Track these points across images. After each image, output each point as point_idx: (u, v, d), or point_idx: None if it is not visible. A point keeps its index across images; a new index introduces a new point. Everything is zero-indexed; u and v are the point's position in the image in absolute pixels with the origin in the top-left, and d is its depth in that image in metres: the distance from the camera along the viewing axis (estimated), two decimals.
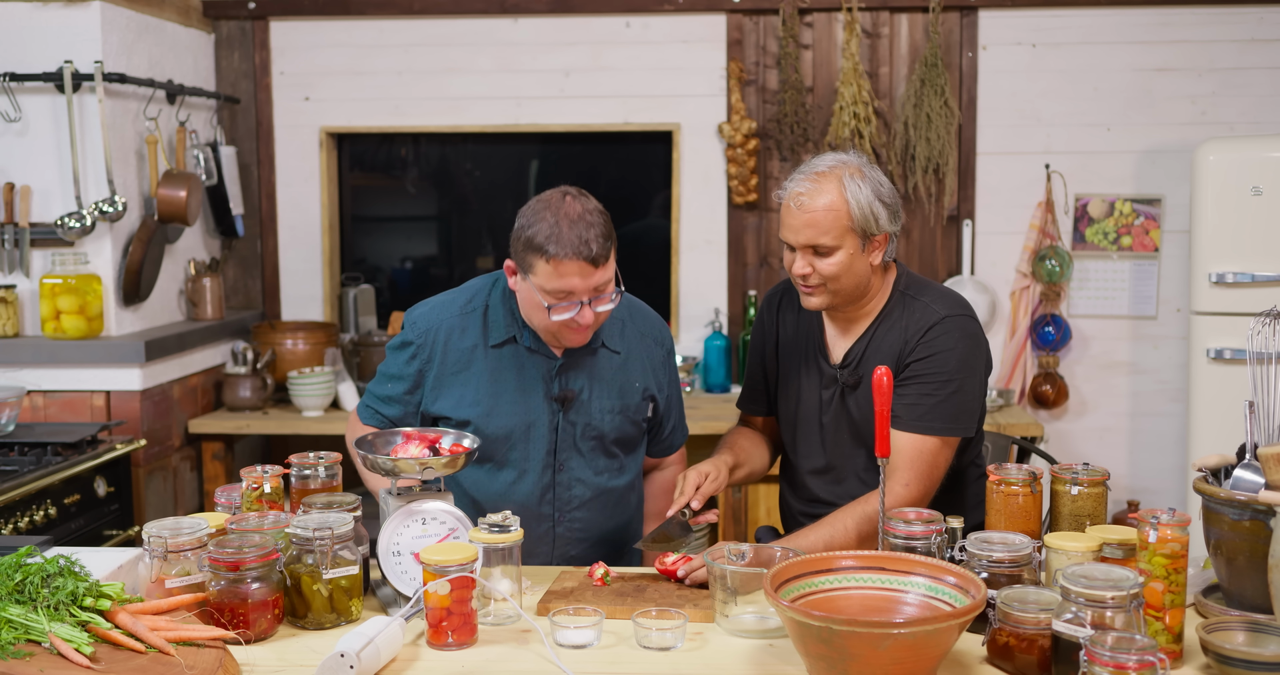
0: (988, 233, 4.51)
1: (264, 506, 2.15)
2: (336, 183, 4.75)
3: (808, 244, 2.30)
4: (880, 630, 1.60)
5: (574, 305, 2.22)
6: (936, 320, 2.34)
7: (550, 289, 2.21)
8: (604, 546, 2.48)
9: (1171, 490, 4.47)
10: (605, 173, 4.85)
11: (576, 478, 2.41)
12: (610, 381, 2.42)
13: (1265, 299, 3.79)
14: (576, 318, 2.23)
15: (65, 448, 3.34)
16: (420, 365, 2.39)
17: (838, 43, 4.46)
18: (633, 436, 2.47)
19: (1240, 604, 1.92)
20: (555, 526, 2.42)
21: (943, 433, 2.31)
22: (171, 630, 1.78)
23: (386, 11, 4.53)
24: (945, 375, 2.32)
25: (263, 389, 4.20)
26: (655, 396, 2.49)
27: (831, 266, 2.30)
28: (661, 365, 2.52)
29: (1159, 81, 4.41)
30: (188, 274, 4.32)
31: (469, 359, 2.37)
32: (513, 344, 2.38)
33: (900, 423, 2.31)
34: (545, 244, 2.18)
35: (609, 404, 2.41)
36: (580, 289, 2.20)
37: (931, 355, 2.33)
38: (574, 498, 2.42)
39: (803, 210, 2.28)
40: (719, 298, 4.59)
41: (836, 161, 2.33)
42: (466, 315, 2.40)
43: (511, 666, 1.84)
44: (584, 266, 2.18)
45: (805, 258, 2.32)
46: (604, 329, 2.41)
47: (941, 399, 2.31)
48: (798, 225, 2.30)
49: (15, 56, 3.70)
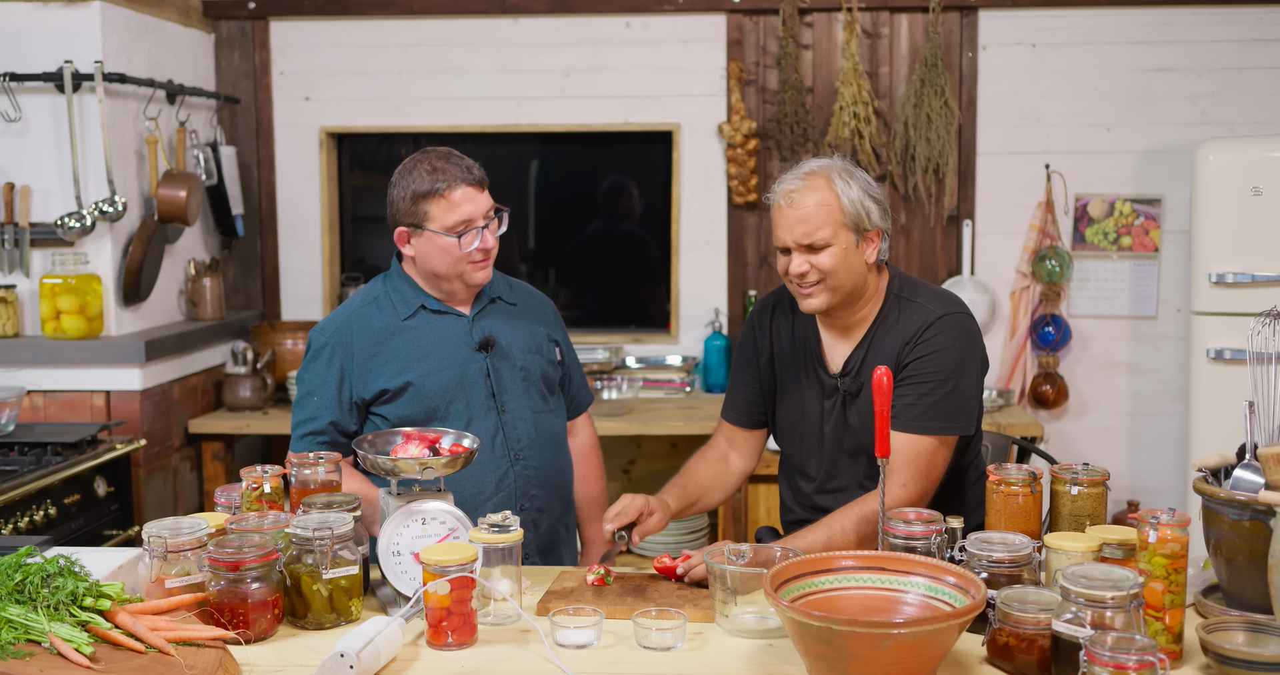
0: (988, 233, 4.51)
1: (264, 506, 2.14)
2: (336, 183, 4.75)
3: (802, 241, 2.30)
4: (880, 630, 1.60)
5: (477, 232, 2.41)
6: (933, 319, 2.34)
7: (452, 222, 2.39)
8: (559, 491, 2.60)
9: (1171, 490, 4.47)
10: (605, 173, 4.85)
11: (519, 417, 2.52)
12: (518, 327, 2.58)
13: (1265, 299, 3.79)
14: (481, 244, 2.41)
15: (65, 448, 3.34)
16: (341, 360, 2.48)
17: (838, 43, 4.46)
18: (553, 377, 2.62)
19: (1240, 604, 1.92)
20: (513, 466, 2.49)
21: (940, 432, 2.31)
22: (171, 630, 1.78)
23: (386, 11, 4.53)
24: (942, 374, 2.31)
25: (263, 389, 4.20)
26: (557, 341, 2.65)
27: (828, 260, 2.30)
28: (552, 320, 2.69)
29: (1159, 81, 4.41)
30: (188, 274, 4.32)
31: (384, 336, 2.49)
32: (422, 311, 2.51)
33: (898, 423, 2.30)
34: (434, 184, 2.39)
35: (524, 344, 2.56)
36: (476, 214, 2.41)
37: (928, 355, 2.33)
38: (521, 436, 2.52)
39: (794, 207, 2.30)
40: (719, 298, 4.59)
41: (821, 164, 2.37)
42: (368, 305, 2.53)
43: (511, 666, 1.84)
44: (473, 191, 2.40)
45: (801, 255, 2.32)
46: (495, 286, 2.58)
47: (939, 398, 2.31)
48: (790, 223, 2.31)
49: (15, 56, 3.70)
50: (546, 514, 2.56)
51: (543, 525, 2.55)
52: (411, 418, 2.44)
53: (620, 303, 4.89)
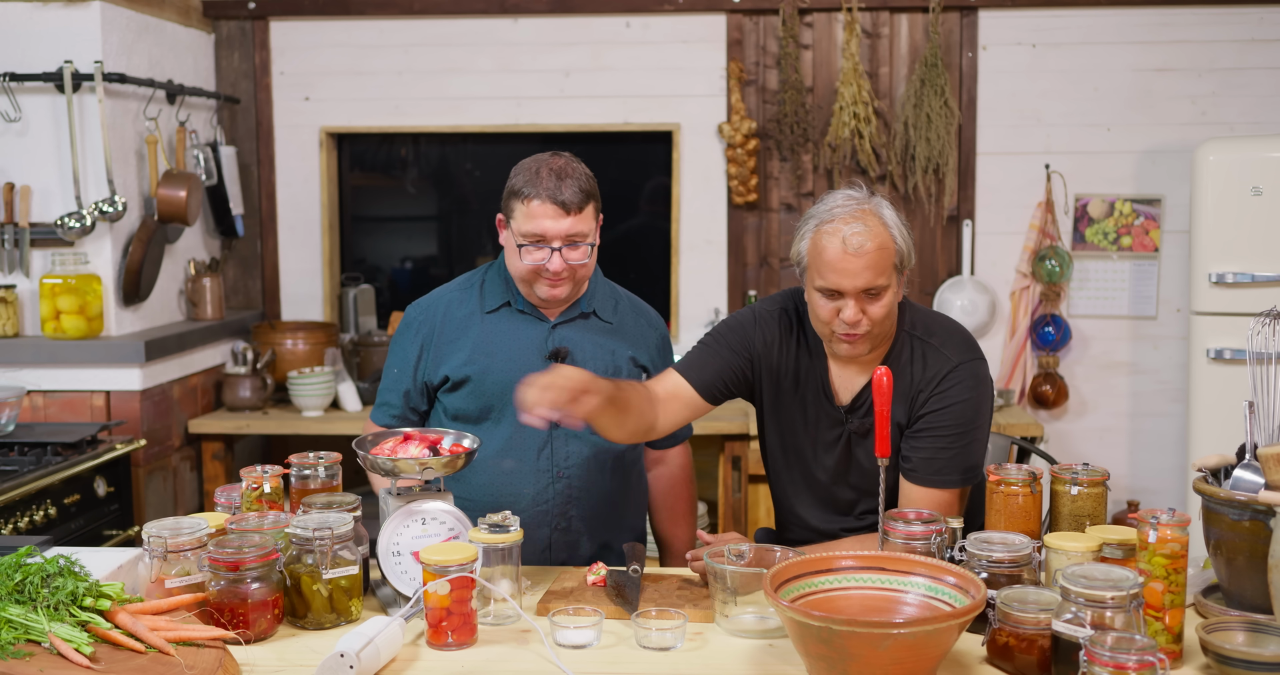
0: (988, 233, 4.51)
1: (264, 506, 2.14)
2: (336, 183, 4.75)
3: (865, 288, 2.13)
4: (880, 630, 1.60)
5: (545, 250, 2.32)
6: (949, 369, 2.25)
7: (524, 231, 2.32)
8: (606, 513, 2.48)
9: (1171, 490, 4.47)
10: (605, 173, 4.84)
11: (572, 435, 2.43)
12: (601, 345, 2.47)
13: (1265, 299, 3.78)
14: (548, 264, 2.33)
15: (65, 448, 3.34)
16: (422, 338, 2.48)
17: (838, 43, 4.46)
18: None
19: (1240, 604, 1.92)
20: (555, 482, 2.44)
21: (958, 486, 2.26)
22: (171, 630, 1.78)
23: (386, 11, 4.53)
24: (960, 427, 2.24)
25: (263, 389, 4.20)
26: (647, 368, 2.52)
27: (881, 309, 2.16)
28: (656, 347, 2.56)
29: (1159, 81, 4.41)
30: (188, 274, 4.32)
31: (465, 325, 2.46)
32: (507, 308, 2.46)
33: (916, 477, 2.26)
34: (523, 187, 2.33)
35: (601, 365, 2.45)
36: (551, 233, 2.31)
37: (945, 407, 2.24)
38: (571, 454, 2.45)
39: (860, 254, 2.11)
40: (719, 298, 4.59)
41: (860, 196, 2.20)
42: (464, 290, 2.51)
43: (511, 666, 1.84)
44: (555, 210, 2.30)
45: (858, 304, 2.14)
46: (596, 299, 2.49)
47: (956, 452, 2.25)
48: (855, 270, 2.11)
49: (15, 56, 3.70)
50: (588, 538, 2.48)
51: (583, 548, 2.48)
52: (467, 413, 2.43)
53: None
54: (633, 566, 2.14)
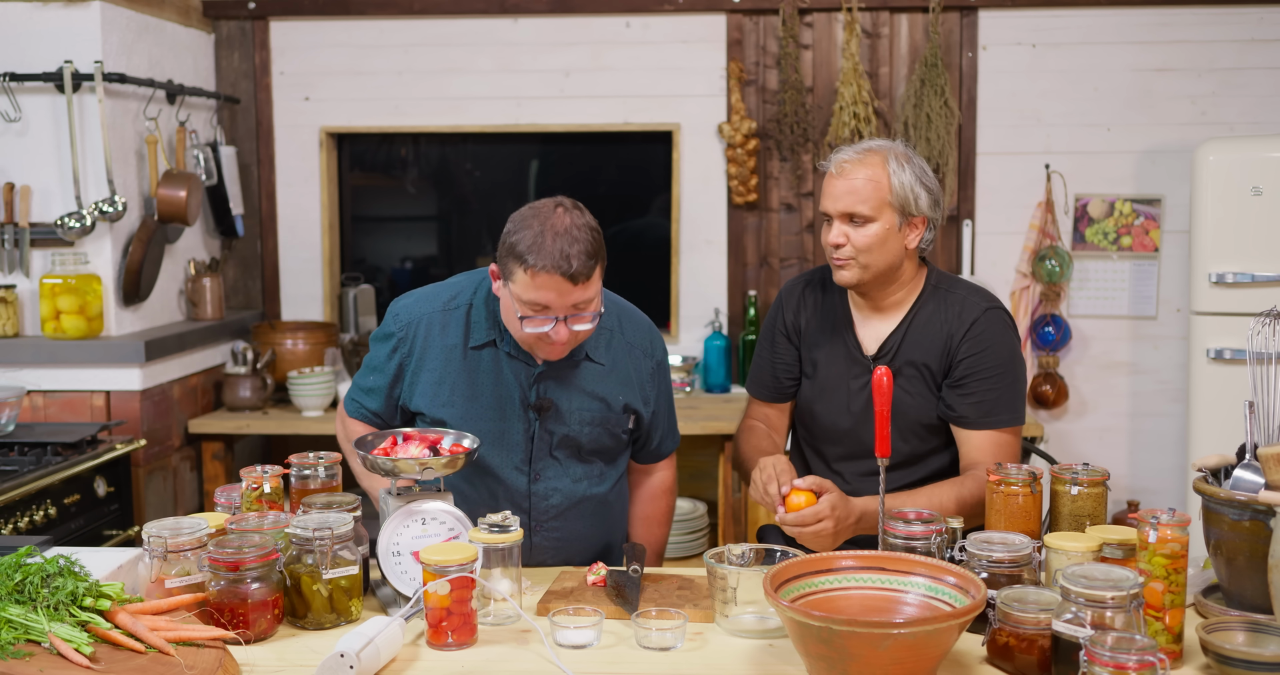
0: (988, 233, 4.51)
1: (264, 506, 2.14)
2: (336, 183, 4.75)
3: (845, 211, 2.33)
4: (880, 630, 1.60)
5: (549, 320, 2.16)
6: (979, 314, 2.36)
7: (526, 300, 2.15)
8: (587, 556, 2.43)
9: (1171, 490, 4.47)
10: (605, 173, 4.85)
11: (553, 487, 2.37)
12: (590, 393, 2.36)
13: (1265, 299, 3.79)
14: (550, 333, 2.18)
15: (65, 448, 3.33)
16: (400, 359, 2.38)
17: (838, 43, 4.46)
18: (611, 448, 2.42)
19: (1240, 604, 1.92)
20: (531, 536, 2.37)
21: (1012, 423, 2.36)
22: (171, 630, 1.78)
23: (386, 11, 4.53)
24: (1001, 368, 2.35)
25: (263, 389, 4.20)
26: (639, 411, 2.41)
27: (866, 238, 2.32)
28: (650, 378, 2.44)
29: (1159, 81, 4.41)
30: (188, 274, 4.32)
31: (448, 357, 2.34)
32: (492, 347, 2.34)
33: (969, 422, 2.34)
34: (526, 253, 2.12)
35: (588, 416, 2.35)
36: (556, 305, 2.15)
37: (984, 350, 2.35)
38: (550, 507, 2.38)
39: (844, 177, 2.34)
40: (719, 298, 4.59)
41: (880, 144, 2.38)
42: (449, 312, 2.36)
43: (511, 666, 1.84)
44: (562, 282, 2.12)
45: (841, 225, 2.34)
46: (590, 340, 2.34)
47: (1004, 389, 2.35)
48: (838, 192, 2.34)
49: (15, 56, 3.70)
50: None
51: None
52: None
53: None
54: (633, 566, 2.14)
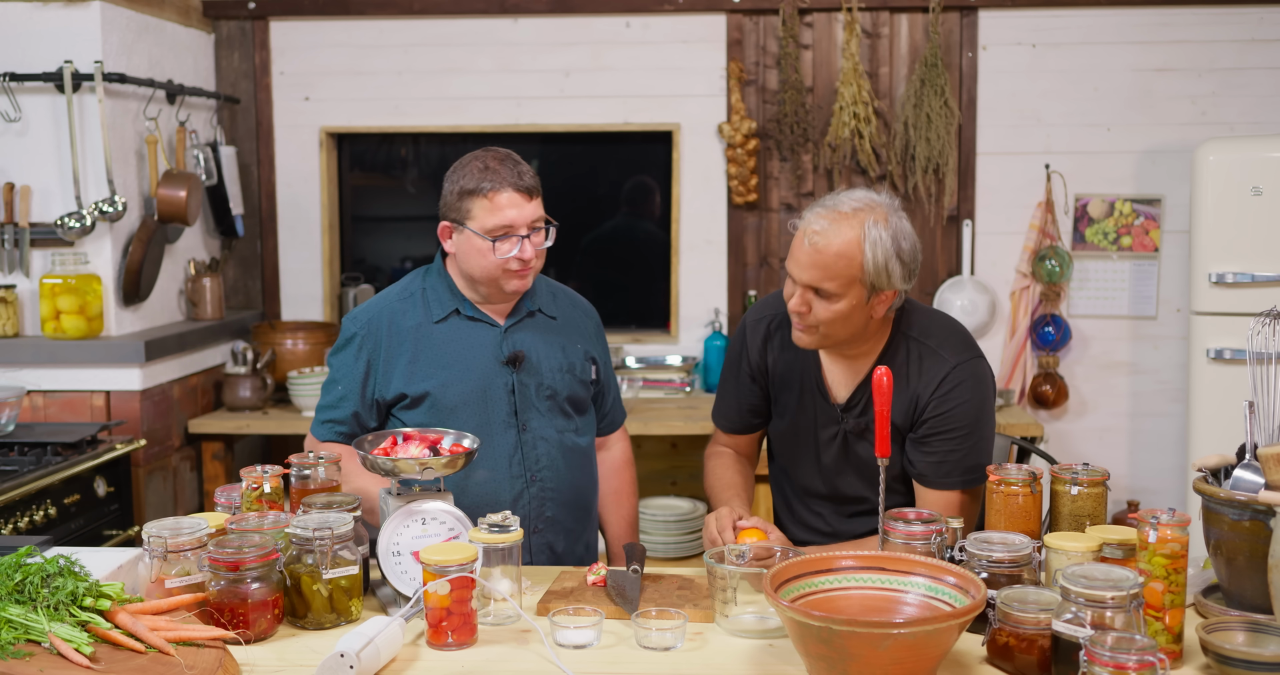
0: (988, 233, 4.51)
1: (264, 506, 2.14)
2: (336, 183, 4.75)
3: (810, 285, 2.16)
4: (880, 630, 1.60)
5: (517, 240, 2.33)
6: (948, 371, 2.24)
7: (490, 226, 2.33)
8: (577, 508, 2.53)
9: (1171, 490, 4.47)
10: (605, 173, 4.85)
11: (540, 436, 2.46)
12: (553, 342, 2.49)
13: (1265, 299, 3.79)
14: (520, 253, 2.34)
15: (65, 448, 3.34)
16: (368, 354, 2.44)
17: (838, 43, 4.46)
18: (583, 397, 2.54)
19: (1240, 604, 1.92)
20: (529, 486, 2.45)
21: (970, 485, 2.27)
22: (171, 630, 1.78)
23: (386, 11, 4.53)
24: (965, 429, 2.24)
25: (263, 389, 4.20)
26: (595, 358, 2.56)
27: (830, 312, 2.17)
28: (594, 335, 2.60)
29: (1159, 81, 4.41)
30: (188, 274, 4.32)
31: (415, 337, 2.43)
32: (455, 316, 2.45)
33: (927, 481, 2.27)
34: (480, 183, 2.33)
35: (556, 363, 2.48)
36: (518, 221, 2.33)
37: (948, 411, 2.24)
38: (541, 456, 2.46)
39: (815, 249, 2.14)
40: (719, 298, 4.59)
41: (864, 202, 2.17)
42: (404, 300, 2.48)
43: (511, 666, 1.84)
44: (519, 197, 2.33)
45: (804, 296, 2.18)
46: (538, 296, 2.51)
47: (964, 453, 2.25)
48: (805, 263, 2.16)
49: (15, 56, 3.70)
50: (564, 535, 2.51)
51: (559, 547, 2.51)
52: (428, 426, 2.38)
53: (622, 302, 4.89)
54: (633, 566, 2.14)
